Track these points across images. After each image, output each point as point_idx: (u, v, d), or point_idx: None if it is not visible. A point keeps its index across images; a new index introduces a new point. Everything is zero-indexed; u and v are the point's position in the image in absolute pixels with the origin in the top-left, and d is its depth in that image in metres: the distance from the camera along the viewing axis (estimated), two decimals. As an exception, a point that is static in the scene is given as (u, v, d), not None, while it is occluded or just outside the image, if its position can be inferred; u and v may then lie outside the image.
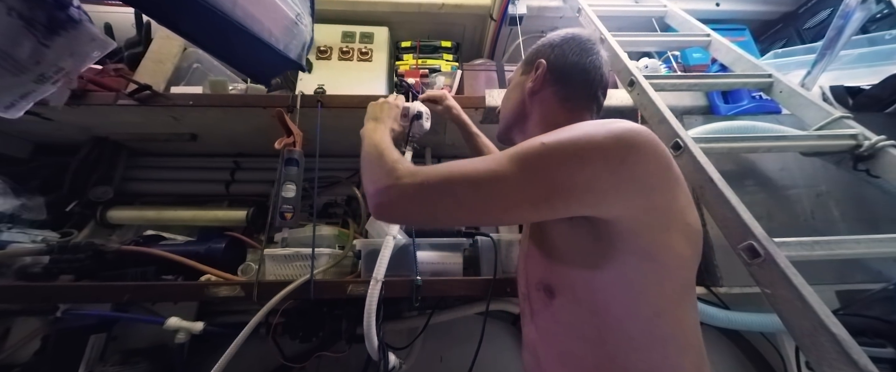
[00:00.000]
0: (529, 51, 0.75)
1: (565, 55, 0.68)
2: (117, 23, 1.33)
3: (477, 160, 0.52)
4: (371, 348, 0.80)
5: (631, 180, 0.48)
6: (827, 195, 0.99)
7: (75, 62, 0.70)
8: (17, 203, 1.09)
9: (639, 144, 0.48)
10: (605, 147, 0.48)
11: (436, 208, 0.52)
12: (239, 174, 1.36)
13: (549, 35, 0.73)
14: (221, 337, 0.92)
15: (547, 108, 0.68)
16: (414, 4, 1.44)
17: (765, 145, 0.83)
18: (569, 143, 0.49)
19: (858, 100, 1.12)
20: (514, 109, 0.73)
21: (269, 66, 0.86)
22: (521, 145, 0.52)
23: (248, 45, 0.75)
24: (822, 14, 1.45)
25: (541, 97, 0.69)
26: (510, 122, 0.75)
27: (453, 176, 0.51)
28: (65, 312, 1.00)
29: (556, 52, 0.69)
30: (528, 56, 0.74)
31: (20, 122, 1.13)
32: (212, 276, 0.93)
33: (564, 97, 0.67)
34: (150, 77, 1.12)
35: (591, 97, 0.68)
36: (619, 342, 0.51)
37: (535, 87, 0.69)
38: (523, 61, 0.75)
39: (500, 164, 0.50)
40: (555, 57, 0.69)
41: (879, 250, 0.67)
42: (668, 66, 1.36)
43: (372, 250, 0.92)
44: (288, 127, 0.99)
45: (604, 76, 0.69)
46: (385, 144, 0.65)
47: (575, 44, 0.69)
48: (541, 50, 0.72)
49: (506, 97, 0.78)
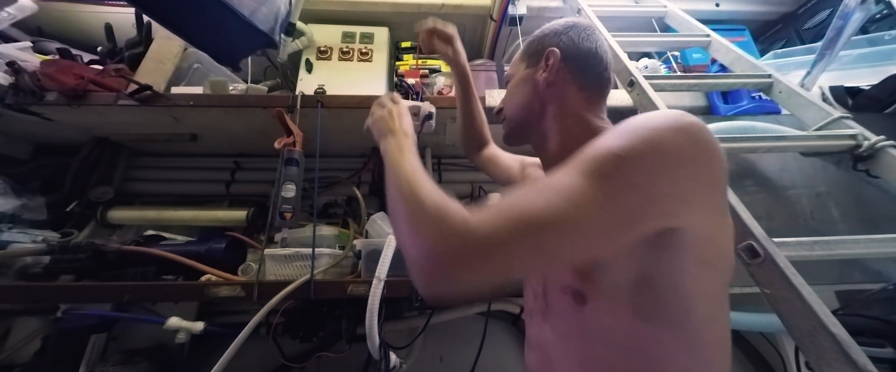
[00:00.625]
0: (529, 43, 0.69)
1: (575, 42, 0.64)
2: (117, 23, 1.34)
3: (544, 190, 0.41)
4: (372, 347, 0.81)
5: (706, 183, 0.44)
6: (826, 195, 0.99)
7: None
8: (18, 203, 1.09)
9: (706, 141, 0.43)
10: (681, 148, 0.41)
11: (509, 264, 0.38)
12: (239, 174, 1.36)
13: (547, 26, 0.68)
14: (222, 337, 0.92)
15: (566, 100, 0.63)
16: (414, 4, 1.45)
17: (765, 145, 0.83)
18: (644, 147, 0.41)
19: (858, 100, 1.12)
20: (526, 106, 0.66)
21: (235, 40, 0.74)
22: (589, 159, 0.42)
23: (205, 9, 0.63)
24: (821, 14, 1.45)
25: (557, 88, 0.63)
26: (522, 120, 0.68)
27: (527, 217, 0.38)
28: (65, 312, 1.00)
29: (564, 39, 0.64)
30: (530, 48, 0.68)
31: (21, 123, 1.13)
32: (212, 276, 0.93)
33: (582, 85, 0.63)
34: (150, 77, 1.12)
35: (606, 82, 0.64)
36: (662, 350, 0.47)
37: (551, 78, 0.63)
38: (523, 54, 0.69)
39: (575, 188, 0.40)
40: (565, 45, 0.64)
41: (879, 250, 0.67)
42: (668, 66, 1.36)
43: (372, 250, 0.92)
44: (288, 127, 0.99)
45: (610, 60, 0.67)
46: (420, 178, 0.49)
47: (580, 29, 0.65)
48: (547, 39, 0.66)
49: (510, 95, 0.70)
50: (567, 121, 0.62)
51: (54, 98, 1.06)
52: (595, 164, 0.41)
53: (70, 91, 1.04)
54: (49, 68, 1.05)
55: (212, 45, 0.75)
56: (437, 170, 1.40)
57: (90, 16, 1.43)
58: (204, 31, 0.69)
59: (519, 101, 0.68)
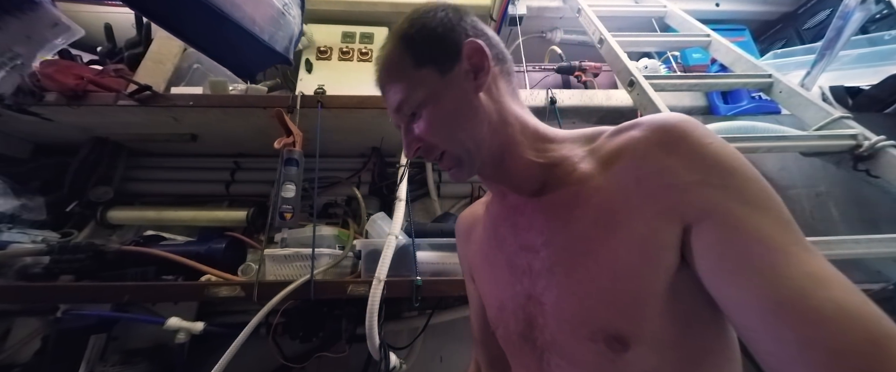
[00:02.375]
0: (413, 42, 0.48)
1: (473, 24, 0.50)
2: (117, 23, 1.34)
3: (807, 251, 0.34)
4: (372, 348, 0.81)
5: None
6: (827, 195, 0.99)
7: (32, 48, 0.64)
8: (18, 203, 1.09)
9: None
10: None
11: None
12: (239, 174, 1.36)
13: (416, 16, 0.50)
14: (221, 337, 0.92)
15: (504, 105, 0.49)
16: (414, 5, 1.44)
17: (765, 145, 0.83)
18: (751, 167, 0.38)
19: (858, 100, 1.12)
20: (484, 126, 0.48)
21: (253, 58, 0.79)
22: (776, 204, 0.36)
23: (229, 34, 0.68)
24: (821, 14, 1.45)
25: (495, 92, 0.49)
26: (493, 148, 0.49)
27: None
28: (65, 312, 1.00)
29: (464, 24, 0.49)
30: (425, 47, 0.48)
31: (20, 123, 1.13)
32: (212, 276, 0.93)
33: (509, 78, 0.52)
34: (150, 77, 1.12)
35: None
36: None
37: (483, 81, 0.47)
38: (415, 58, 0.48)
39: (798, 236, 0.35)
40: (472, 29, 0.49)
41: (879, 250, 0.67)
42: (668, 66, 1.36)
43: (372, 250, 0.92)
44: (287, 127, 0.99)
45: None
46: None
47: (455, 9, 0.50)
48: (443, 29, 0.48)
49: (446, 120, 0.48)
50: (509, 129, 0.49)
51: (54, 98, 1.06)
52: (776, 205, 0.36)
53: (70, 91, 1.04)
54: (48, 68, 1.05)
55: (232, 61, 0.79)
56: (436, 169, 1.40)
57: (90, 16, 1.42)
58: (225, 49, 0.73)
59: (473, 126, 0.48)
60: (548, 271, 0.46)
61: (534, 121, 0.52)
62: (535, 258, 0.48)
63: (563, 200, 0.46)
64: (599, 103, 1.20)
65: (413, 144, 0.50)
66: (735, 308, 0.35)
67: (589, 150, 0.47)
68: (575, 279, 0.43)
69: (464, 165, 0.50)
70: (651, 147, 0.41)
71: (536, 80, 1.35)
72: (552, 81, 1.35)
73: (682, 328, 0.40)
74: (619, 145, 0.44)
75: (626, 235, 0.40)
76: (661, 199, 0.38)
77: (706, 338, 0.41)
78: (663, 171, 0.39)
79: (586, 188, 0.44)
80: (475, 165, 0.50)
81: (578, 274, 0.43)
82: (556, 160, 0.49)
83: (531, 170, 0.49)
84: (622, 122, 0.47)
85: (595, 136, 0.49)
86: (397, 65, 0.49)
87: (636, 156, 0.41)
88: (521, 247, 0.50)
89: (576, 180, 0.45)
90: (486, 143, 0.48)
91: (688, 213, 0.37)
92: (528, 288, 0.48)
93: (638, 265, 0.39)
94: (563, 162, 0.48)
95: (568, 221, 0.45)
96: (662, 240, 0.38)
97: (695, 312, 0.40)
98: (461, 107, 0.48)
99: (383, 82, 0.52)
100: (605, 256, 0.41)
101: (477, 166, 0.50)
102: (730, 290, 0.35)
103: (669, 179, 0.38)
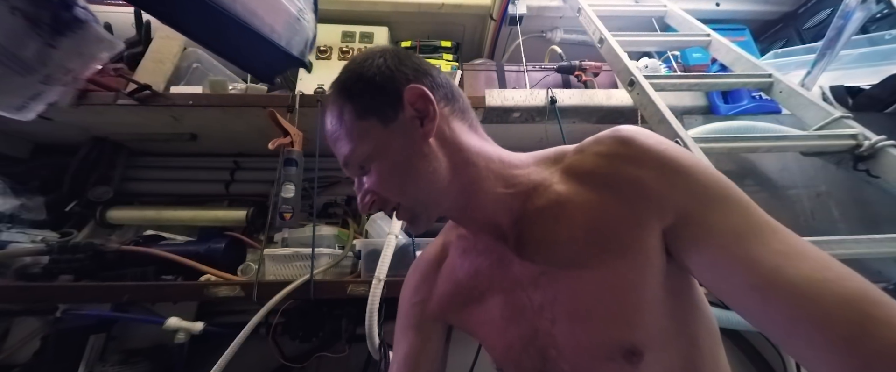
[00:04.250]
0: (352, 97, 0.47)
1: (415, 67, 0.48)
2: (117, 23, 1.33)
3: (821, 256, 0.34)
4: (372, 348, 0.81)
5: None
6: (827, 195, 0.99)
7: (83, 63, 0.69)
8: (17, 203, 1.09)
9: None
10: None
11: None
12: (239, 174, 1.36)
13: (353, 68, 0.48)
14: (221, 337, 0.92)
15: (460, 145, 0.48)
16: (414, 4, 1.44)
17: (765, 145, 0.83)
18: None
19: (858, 100, 1.12)
20: (439, 173, 0.46)
21: (272, 63, 0.83)
22: (734, 194, 0.39)
23: (249, 42, 0.72)
24: (822, 14, 1.45)
25: (447, 134, 0.47)
26: (454, 193, 0.48)
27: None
28: (64, 312, 1.00)
29: (404, 69, 0.47)
30: (366, 102, 0.46)
31: (20, 123, 1.13)
32: (212, 276, 0.93)
33: (463, 115, 0.50)
34: (149, 77, 1.12)
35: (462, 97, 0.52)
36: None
37: (430, 127, 0.45)
38: (357, 113, 0.46)
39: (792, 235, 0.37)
40: (413, 74, 0.47)
41: (879, 250, 0.67)
42: (668, 66, 1.36)
43: (372, 250, 0.92)
44: (282, 127, 0.99)
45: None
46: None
47: (397, 51, 0.50)
48: (381, 78, 0.46)
49: (396, 176, 0.47)
50: (470, 169, 0.48)
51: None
52: (742, 197, 0.39)
53: (69, 91, 1.04)
54: (48, 68, 1.05)
55: (253, 67, 0.83)
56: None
57: (90, 15, 1.42)
58: (245, 54, 0.77)
59: (423, 172, 0.46)
60: (551, 302, 0.45)
61: (498, 152, 0.51)
62: (534, 291, 0.46)
63: (550, 225, 0.45)
64: (599, 103, 1.20)
65: (366, 198, 0.48)
66: (736, 304, 0.37)
67: (561, 171, 0.47)
68: (581, 304, 0.43)
69: (419, 219, 0.49)
70: (618, 161, 0.42)
71: (536, 79, 1.35)
72: (552, 81, 1.34)
73: (678, 319, 0.43)
74: (589, 162, 0.45)
75: (618, 249, 0.41)
76: (638, 208, 0.40)
77: (694, 317, 0.45)
78: (635, 182, 0.41)
79: (570, 209, 0.44)
80: (432, 217, 0.49)
81: (583, 298, 0.43)
82: (530, 186, 0.47)
83: (505, 202, 0.48)
84: (622, 121, 0.48)
85: (560, 157, 0.49)
86: (339, 118, 0.47)
87: (609, 171, 0.43)
88: (514, 282, 0.48)
89: (556, 203, 0.45)
90: (445, 191, 0.47)
91: (664, 217, 0.40)
92: (533, 323, 0.46)
93: (635, 276, 0.41)
94: (538, 187, 0.47)
95: (558, 246, 0.44)
96: (649, 246, 0.40)
97: (682, 298, 0.44)
98: (410, 157, 0.46)
99: (329, 136, 0.50)
100: (605, 275, 0.41)
101: (434, 216, 0.50)
102: (721, 284, 0.37)
103: (642, 189, 0.40)
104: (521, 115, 1.21)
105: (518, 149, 0.51)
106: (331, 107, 0.49)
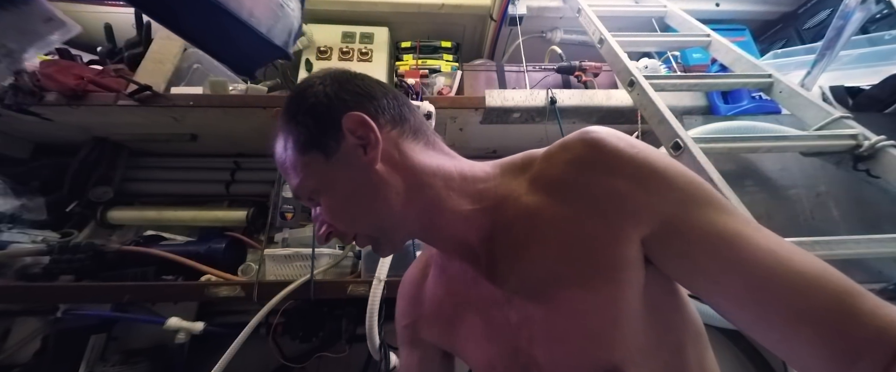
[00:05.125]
0: (292, 133, 0.45)
1: (357, 90, 0.46)
2: (117, 23, 1.34)
3: (791, 249, 0.35)
4: (372, 348, 0.81)
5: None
6: (827, 195, 0.99)
7: (24, 42, 0.61)
8: (18, 203, 1.09)
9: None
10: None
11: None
12: (239, 174, 1.36)
13: (296, 88, 0.48)
14: (221, 337, 0.92)
15: (414, 167, 0.45)
16: (414, 5, 1.44)
17: (765, 145, 0.83)
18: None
19: (858, 100, 1.12)
20: (390, 199, 0.44)
21: (252, 52, 0.77)
22: (713, 196, 0.38)
23: (225, 27, 0.65)
24: (822, 14, 1.45)
25: (397, 157, 0.45)
26: (413, 216, 0.46)
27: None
28: (65, 312, 1.00)
29: (343, 95, 0.44)
30: (304, 138, 0.44)
31: (21, 123, 1.13)
32: (212, 276, 0.93)
33: (416, 134, 0.47)
34: (150, 77, 1.12)
35: (414, 114, 0.49)
36: None
37: (374, 154, 0.43)
38: (297, 149, 0.44)
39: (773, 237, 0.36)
40: (354, 99, 0.45)
41: (879, 250, 0.67)
42: (668, 66, 1.36)
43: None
44: (288, 127, 0.99)
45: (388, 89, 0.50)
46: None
47: (335, 76, 0.47)
48: (321, 108, 0.44)
49: (348, 207, 0.45)
50: (428, 190, 0.45)
51: (54, 98, 1.06)
52: (721, 200, 0.38)
53: (69, 91, 1.04)
54: (48, 68, 1.05)
55: (230, 57, 0.77)
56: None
57: (90, 16, 1.42)
58: (223, 44, 0.71)
59: (374, 201, 0.44)
60: (527, 321, 0.43)
61: (459, 166, 0.48)
62: (510, 310, 0.45)
63: (519, 241, 0.43)
64: (599, 103, 1.20)
65: (323, 229, 0.47)
66: (728, 309, 0.36)
67: (529, 181, 0.44)
68: (556, 324, 0.41)
69: (381, 245, 0.48)
70: (589, 169, 0.40)
71: (536, 80, 1.35)
72: (552, 81, 1.35)
73: (660, 330, 0.41)
74: (558, 172, 0.42)
75: (593, 266, 0.39)
76: (613, 219, 0.38)
77: (677, 324, 0.43)
78: (608, 192, 0.38)
79: (539, 222, 0.41)
80: (396, 242, 0.48)
81: (558, 318, 0.41)
82: (496, 200, 0.45)
83: (472, 219, 0.45)
84: (622, 121, 0.47)
85: (528, 164, 0.46)
86: (284, 148, 0.46)
87: (578, 180, 0.40)
88: (490, 301, 0.47)
89: (525, 216, 0.42)
90: (401, 216, 0.45)
91: (642, 225, 0.37)
92: (512, 341, 0.45)
93: (611, 291, 0.39)
94: (505, 200, 0.45)
95: (530, 262, 0.42)
96: (626, 258, 0.38)
97: (664, 308, 0.42)
98: (358, 187, 0.44)
99: (277, 163, 0.48)
100: (580, 294, 0.40)
101: (398, 240, 0.48)
102: (710, 289, 0.36)
103: (616, 198, 0.38)
104: (521, 116, 1.21)
105: (518, 149, 0.50)
106: (278, 133, 0.47)
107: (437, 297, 0.55)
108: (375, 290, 0.82)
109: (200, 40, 0.72)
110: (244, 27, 0.68)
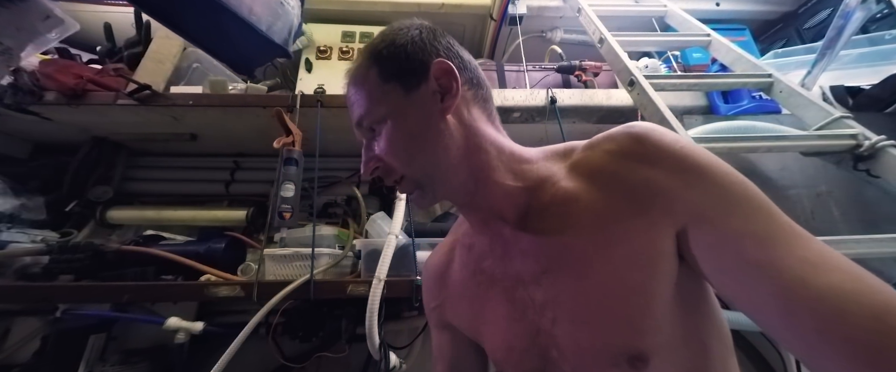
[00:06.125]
0: (381, 58, 0.47)
1: (448, 46, 0.49)
2: (117, 23, 1.34)
3: (843, 264, 0.34)
4: (372, 347, 0.81)
5: None
6: (827, 195, 0.99)
7: (22, 39, 0.61)
8: (17, 203, 1.09)
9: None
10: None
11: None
12: (239, 174, 1.36)
13: (389, 28, 0.50)
14: (221, 337, 0.92)
15: (476, 130, 0.47)
16: (414, 4, 1.44)
17: (765, 145, 0.83)
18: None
19: (858, 100, 1.12)
20: (449, 151, 0.46)
21: (251, 51, 0.77)
22: (755, 195, 0.36)
23: (225, 24, 0.65)
24: (822, 14, 1.45)
25: (465, 116, 0.47)
26: (463, 175, 0.47)
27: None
28: (64, 312, 1.00)
29: (436, 44, 0.48)
30: (392, 65, 0.46)
31: (20, 123, 1.13)
32: (212, 276, 0.93)
33: (484, 104, 0.50)
34: (149, 77, 1.12)
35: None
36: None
37: (450, 103, 0.45)
38: (381, 74, 0.46)
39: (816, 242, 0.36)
40: (445, 51, 0.47)
41: (879, 250, 0.67)
42: (668, 66, 1.36)
43: (372, 250, 0.92)
44: (287, 127, 0.99)
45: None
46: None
47: (433, 28, 0.50)
48: (412, 47, 0.46)
49: (402, 145, 0.46)
50: (482, 155, 0.47)
51: (53, 98, 1.06)
52: (770, 206, 0.36)
53: (69, 91, 1.04)
54: (48, 68, 1.05)
55: (230, 56, 0.78)
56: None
57: (90, 15, 1.42)
58: (223, 42, 0.71)
59: (433, 146, 0.45)
60: (553, 302, 0.44)
61: (510, 145, 0.50)
62: (536, 289, 0.45)
63: (554, 223, 0.44)
64: (600, 103, 1.20)
65: (371, 163, 0.48)
66: (753, 312, 0.35)
67: (568, 167, 0.46)
68: (585, 306, 0.41)
69: (425, 191, 0.48)
70: (630, 160, 0.41)
71: (536, 79, 1.35)
72: (552, 81, 1.34)
73: (688, 327, 0.41)
74: (598, 160, 0.43)
75: (626, 251, 0.39)
76: (650, 209, 0.38)
77: (705, 325, 0.43)
78: (648, 181, 0.39)
79: (575, 207, 0.42)
80: (437, 192, 0.48)
81: (587, 300, 0.41)
82: (537, 181, 0.47)
83: (512, 195, 0.47)
84: (622, 121, 0.47)
85: (569, 152, 0.48)
86: (363, 78, 0.48)
87: (618, 169, 0.41)
88: (517, 279, 0.48)
89: (562, 200, 0.44)
90: (454, 170, 0.46)
91: (678, 219, 0.38)
92: (535, 322, 0.45)
93: (643, 279, 0.39)
94: (545, 182, 0.46)
95: (563, 244, 0.43)
96: (660, 249, 0.38)
97: (694, 306, 0.42)
98: (424, 128, 0.46)
99: (349, 95, 0.50)
100: (610, 277, 0.40)
101: (440, 193, 0.48)
102: (738, 291, 0.35)
103: (655, 189, 0.38)
104: (521, 115, 1.21)
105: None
106: (356, 69, 0.49)
107: (462, 278, 0.56)
108: (375, 290, 0.82)
109: (200, 39, 0.72)
110: (244, 25, 0.68)
